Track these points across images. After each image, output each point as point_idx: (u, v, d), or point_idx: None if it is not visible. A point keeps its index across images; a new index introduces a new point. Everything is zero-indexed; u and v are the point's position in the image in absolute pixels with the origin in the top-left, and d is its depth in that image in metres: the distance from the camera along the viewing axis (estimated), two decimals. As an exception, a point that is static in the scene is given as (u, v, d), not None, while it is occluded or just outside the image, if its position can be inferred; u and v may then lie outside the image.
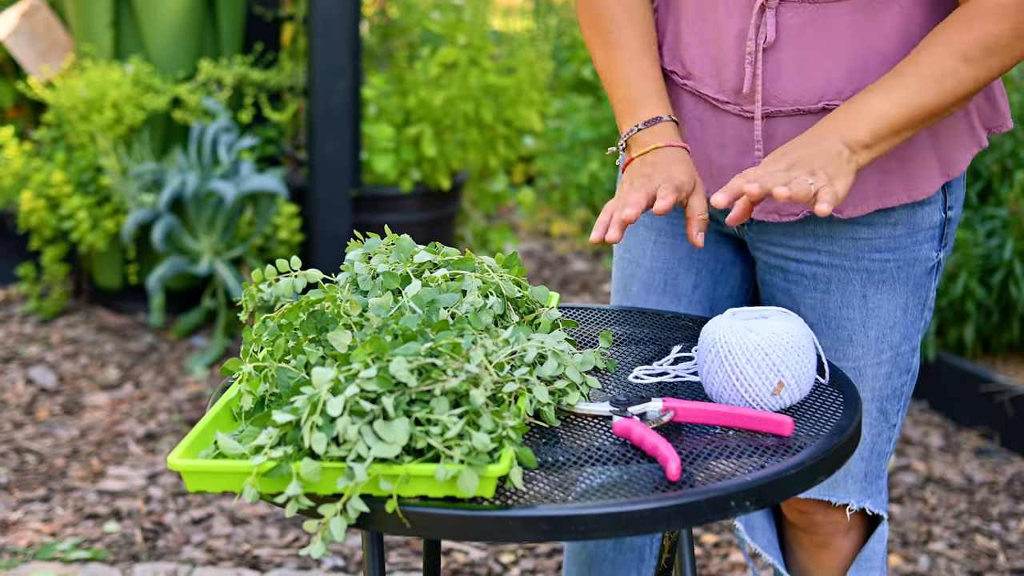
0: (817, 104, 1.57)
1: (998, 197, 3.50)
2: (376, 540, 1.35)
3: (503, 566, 2.74)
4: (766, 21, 1.55)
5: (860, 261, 1.65)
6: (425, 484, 1.18)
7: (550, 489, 1.22)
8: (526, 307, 1.51)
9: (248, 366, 1.35)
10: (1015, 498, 3.06)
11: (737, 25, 1.58)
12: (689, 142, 1.68)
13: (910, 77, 1.47)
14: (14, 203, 4.07)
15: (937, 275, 1.70)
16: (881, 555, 1.84)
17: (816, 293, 1.68)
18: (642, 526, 1.16)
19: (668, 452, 1.25)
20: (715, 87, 1.63)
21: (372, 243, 1.55)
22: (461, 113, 4.18)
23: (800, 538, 1.85)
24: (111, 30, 4.05)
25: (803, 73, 1.57)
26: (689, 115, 1.68)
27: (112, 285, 4.24)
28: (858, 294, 1.66)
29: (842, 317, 1.67)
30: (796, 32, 1.55)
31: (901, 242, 1.65)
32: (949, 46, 1.47)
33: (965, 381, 3.45)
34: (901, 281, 1.66)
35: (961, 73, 1.47)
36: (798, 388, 1.41)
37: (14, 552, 2.71)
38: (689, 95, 1.68)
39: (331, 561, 2.72)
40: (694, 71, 1.65)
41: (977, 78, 1.48)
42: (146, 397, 3.60)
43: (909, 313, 1.68)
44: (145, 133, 4.00)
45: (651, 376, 1.52)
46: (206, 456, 1.25)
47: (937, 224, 1.66)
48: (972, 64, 1.47)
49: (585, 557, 1.93)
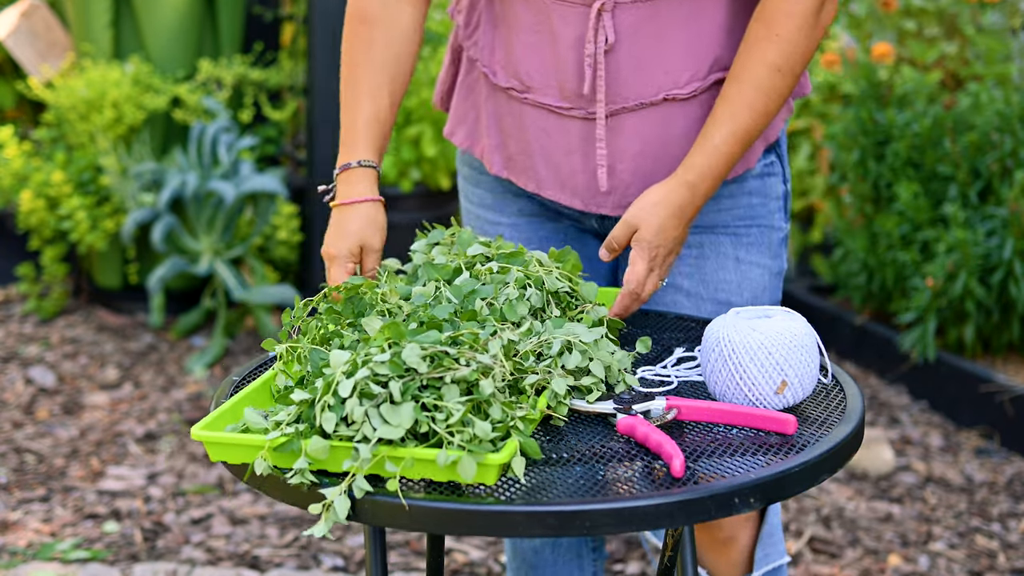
0: (658, 96, 1.65)
1: (998, 197, 3.50)
2: (378, 537, 1.35)
3: (503, 566, 2.74)
4: (604, 24, 1.60)
5: (727, 226, 1.75)
6: (429, 468, 1.21)
7: (555, 485, 1.22)
8: (567, 301, 1.53)
9: (282, 346, 1.39)
10: (1015, 498, 3.06)
11: (573, 32, 1.62)
12: (536, 153, 1.73)
13: (741, 112, 1.59)
14: (14, 203, 4.07)
15: (786, 246, 1.81)
16: (779, 526, 1.89)
17: (691, 259, 1.75)
18: (647, 522, 1.17)
19: (672, 449, 1.25)
20: (556, 95, 1.67)
21: (436, 234, 1.63)
22: (461, 113, 4.18)
23: (701, 540, 1.87)
24: (111, 30, 4.05)
25: (642, 69, 1.63)
26: (533, 127, 1.71)
27: (112, 285, 4.24)
28: (731, 256, 1.75)
29: (719, 280, 1.75)
30: (631, 31, 1.61)
31: (758, 211, 1.76)
32: (763, 63, 1.57)
33: (965, 381, 3.45)
34: (764, 247, 1.76)
35: (781, 85, 1.59)
36: (801, 387, 1.41)
37: (14, 552, 2.71)
38: (531, 107, 1.71)
39: (331, 561, 2.72)
40: (533, 84, 1.68)
41: (794, 82, 1.60)
42: (146, 397, 3.60)
43: (771, 281, 1.78)
44: (145, 133, 4.00)
45: (654, 375, 1.52)
46: (233, 430, 1.30)
47: (782, 195, 1.79)
48: (784, 74, 1.58)
49: (526, 567, 1.99)
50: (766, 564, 1.85)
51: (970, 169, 3.55)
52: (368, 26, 1.68)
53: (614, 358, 1.44)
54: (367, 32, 1.68)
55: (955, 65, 3.92)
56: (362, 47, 1.68)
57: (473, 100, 1.82)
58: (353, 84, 1.68)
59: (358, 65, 1.68)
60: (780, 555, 1.87)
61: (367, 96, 1.67)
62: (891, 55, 3.84)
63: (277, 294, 3.84)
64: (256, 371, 1.55)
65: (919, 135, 3.63)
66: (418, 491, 1.21)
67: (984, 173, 3.53)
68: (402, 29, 1.69)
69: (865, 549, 2.81)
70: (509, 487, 1.22)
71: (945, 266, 3.41)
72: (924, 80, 3.76)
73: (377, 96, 1.67)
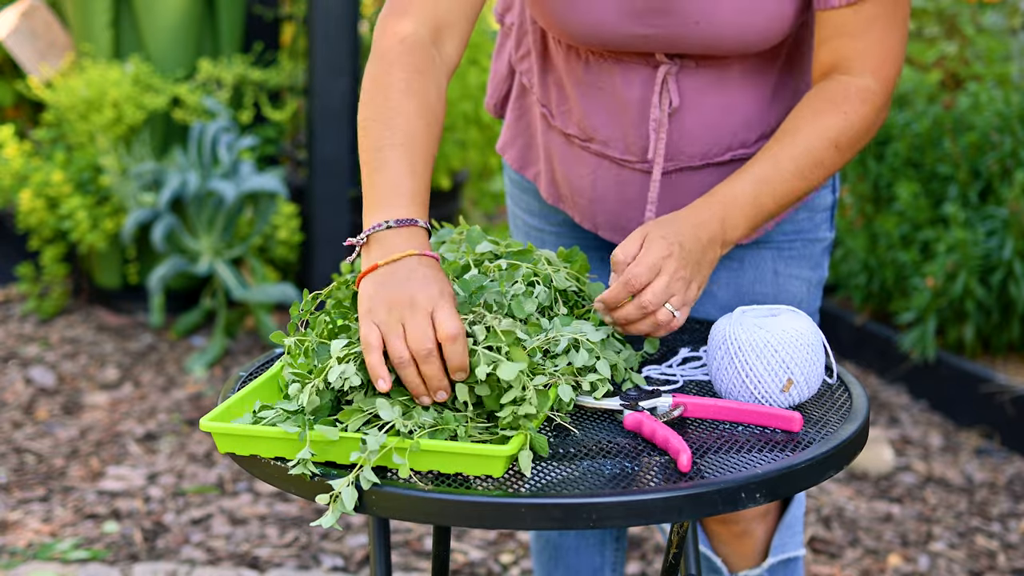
0: (725, 156, 1.64)
1: (998, 197, 3.51)
2: (382, 531, 1.35)
3: (503, 566, 2.73)
4: (668, 88, 1.60)
5: (771, 241, 1.73)
6: (437, 459, 1.21)
7: (561, 478, 1.22)
8: (575, 300, 1.53)
9: (291, 339, 1.39)
10: (1015, 498, 3.06)
11: (638, 93, 1.62)
12: (596, 200, 1.71)
13: (787, 171, 1.51)
14: (13, 203, 4.06)
15: (828, 254, 1.80)
16: (800, 520, 1.89)
17: (728, 271, 1.74)
18: (653, 515, 1.17)
19: (679, 444, 1.25)
20: (621, 149, 1.66)
21: (444, 232, 1.61)
22: (461, 112, 4.18)
23: (719, 532, 1.88)
24: (110, 29, 4.05)
25: (709, 130, 1.63)
26: (592, 174, 1.71)
27: (112, 285, 4.24)
28: (770, 270, 1.73)
29: (755, 293, 1.74)
30: (697, 94, 1.61)
31: (803, 224, 1.74)
32: (824, 135, 1.52)
33: (965, 381, 3.45)
34: (805, 259, 1.75)
35: (829, 161, 1.53)
36: (807, 385, 1.41)
37: (13, 552, 2.71)
38: (591, 155, 1.70)
39: (331, 561, 2.72)
40: (598, 136, 1.68)
41: (843, 162, 1.56)
42: (145, 397, 3.60)
43: (811, 292, 1.77)
44: (145, 133, 4.00)
45: (660, 374, 1.52)
46: (241, 423, 1.31)
47: (829, 206, 1.77)
48: (842, 151, 1.54)
49: (551, 549, 2.01)
50: (782, 553, 1.86)
51: (970, 169, 3.55)
52: (422, 77, 1.46)
53: (621, 357, 1.44)
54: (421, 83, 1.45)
55: (955, 65, 3.92)
56: (412, 96, 1.44)
57: (526, 125, 1.80)
58: (400, 131, 1.42)
59: (408, 114, 1.43)
60: (797, 547, 1.88)
61: (417, 151, 1.42)
62: (891, 55, 3.84)
63: (277, 294, 3.83)
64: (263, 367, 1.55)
65: (919, 135, 3.64)
66: (426, 483, 1.21)
67: (984, 173, 3.53)
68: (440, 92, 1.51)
69: (865, 549, 2.81)
70: (516, 480, 1.22)
71: (945, 266, 3.41)
72: (924, 80, 3.77)
73: (425, 154, 1.44)
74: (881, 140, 3.75)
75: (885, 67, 1.54)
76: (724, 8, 1.51)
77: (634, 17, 1.54)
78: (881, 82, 1.54)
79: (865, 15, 1.52)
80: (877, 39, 1.53)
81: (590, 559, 2.00)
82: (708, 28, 1.53)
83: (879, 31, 1.53)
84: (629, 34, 1.55)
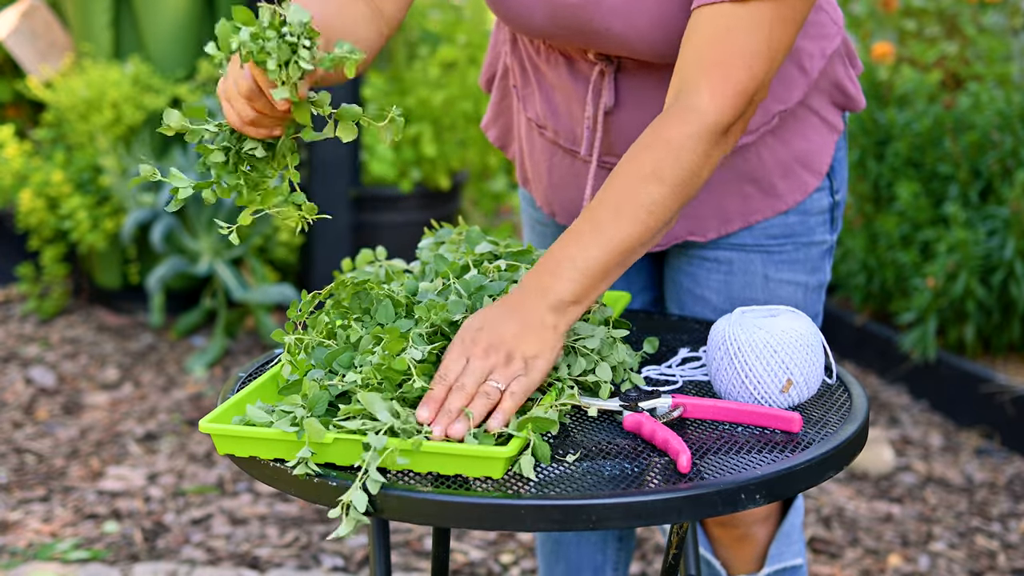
0: None
1: (998, 196, 3.51)
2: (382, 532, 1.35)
3: (503, 566, 2.73)
4: (604, 88, 1.60)
5: (759, 244, 1.70)
6: (436, 461, 1.22)
7: (561, 479, 1.22)
8: None
9: (290, 337, 1.40)
10: (1015, 498, 3.06)
11: (581, 89, 1.63)
12: (550, 185, 1.75)
13: (605, 216, 1.36)
14: (13, 203, 4.06)
15: (830, 257, 1.76)
16: (799, 528, 1.88)
17: (719, 275, 1.72)
18: (653, 516, 1.17)
19: (679, 445, 1.25)
20: (569, 140, 1.69)
21: (443, 233, 1.63)
22: (461, 112, 4.18)
23: (719, 536, 1.87)
24: (110, 30, 4.05)
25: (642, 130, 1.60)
26: (548, 160, 1.74)
27: (112, 285, 4.24)
28: (760, 274, 1.70)
29: (746, 298, 1.71)
30: (637, 94, 1.60)
31: (795, 228, 1.69)
32: (638, 171, 1.36)
33: (965, 381, 3.45)
34: (799, 263, 1.71)
35: (660, 196, 1.35)
36: (806, 386, 1.41)
37: (14, 552, 2.71)
38: (547, 142, 1.73)
39: (331, 561, 2.72)
40: (549, 124, 1.71)
41: (687, 194, 1.38)
42: (146, 397, 3.60)
43: (808, 296, 1.74)
44: (145, 133, 4.00)
45: (659, 375, 1.52)
46: (240, 423, 1.31)
47: (827, 209, 1.71)
48: (670, 184, 1.36)
49: (551, 543, 2.02)
50: (779, 562, 1.85)
51: (970, 169, 3.55)
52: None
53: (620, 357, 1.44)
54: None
55: (955, 65, 3.92)
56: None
57: (506, 106, 1.85)
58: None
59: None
60: (795, 556, 1.86)
61: None
62: (891, 55, 3.85)
63: (277, 294, 3.84)
64: (263, 367, 1.55)
65: (919, 135, 3.64)
66: (425, 485, 1.21)
67: (984, 173, 3.53)
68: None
69: (865, 549, 2.81)
70: (515, 481, 1.22)
71: (945, 266, 3.41)
72: (924, 80, 3.76)
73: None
74: (881, 140, 3.75)
75: (729, 82, 1.37)
76: (639, 18, 1.49)
77: (553, 17, 1.55)
78: (717, 99, 1.36)
79: (721, 18, 1.38)
80: (726, 48, 1.37)
81: (591, 556, 2.00)
82: (621, 35, 1.51)
83: (737, 38, 1.37)
84: (554, 33, 1.58)
